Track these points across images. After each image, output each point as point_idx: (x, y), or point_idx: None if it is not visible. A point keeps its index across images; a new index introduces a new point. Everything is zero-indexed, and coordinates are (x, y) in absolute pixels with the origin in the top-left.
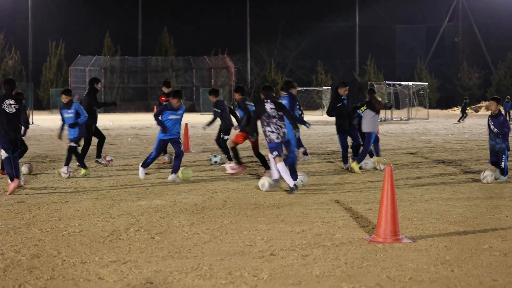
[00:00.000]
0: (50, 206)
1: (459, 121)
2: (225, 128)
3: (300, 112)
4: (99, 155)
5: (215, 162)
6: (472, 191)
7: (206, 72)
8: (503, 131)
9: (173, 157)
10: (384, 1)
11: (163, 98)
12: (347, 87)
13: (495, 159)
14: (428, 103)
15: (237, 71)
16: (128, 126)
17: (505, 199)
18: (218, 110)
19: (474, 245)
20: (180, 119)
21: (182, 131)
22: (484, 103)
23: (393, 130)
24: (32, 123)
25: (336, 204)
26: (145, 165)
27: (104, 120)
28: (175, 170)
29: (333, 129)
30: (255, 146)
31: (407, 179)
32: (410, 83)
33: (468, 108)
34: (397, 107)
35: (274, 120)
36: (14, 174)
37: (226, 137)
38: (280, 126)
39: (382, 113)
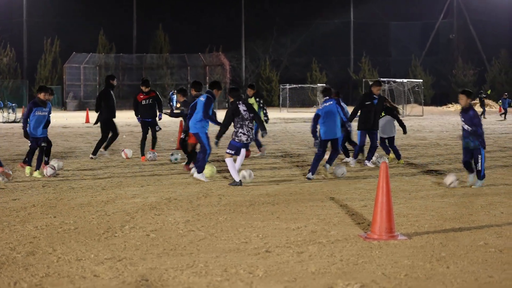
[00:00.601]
0: (45, 203)
1: (485, 117)
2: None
3: (264, 111)
4: (95, 152)
5: (175, 159)
6: (467, 187)
7: (200, 70)
8: (473, 129)
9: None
10: None
11: (141, 97)
12: (381, 87)
13: (469, 159)
14: (423, 100)
15: (231, 68)
16: (123, 123)
17: (500, 196)
18: (185, 110)
19: (469, 241)
20: None
21: (177, 128)
22: (478, 100)
23: None
24: None
25: (331, 201)
26: (202, 168)
27: None
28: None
29: None
30: (193, 144)
31: (402, 176)
32: (405, 80)
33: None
34: None
35: (246, 122)
36: None
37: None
38: (250, 128)
39: None
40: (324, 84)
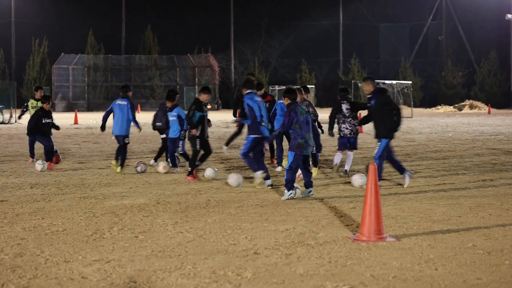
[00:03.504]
0: (33, 204)
1: None
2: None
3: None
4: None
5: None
6: (455, 189)
7: (190, 71)
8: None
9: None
10: (368, 0)
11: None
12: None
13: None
14: (412, 101)
15: (221, 69)
16: (111, 124)
17: (488, 198)
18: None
19: (457, 243)
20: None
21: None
22: (468, 102)
23: None
24: (15, 121)
25: (320, 203)
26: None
27: (88, 119)
28: None
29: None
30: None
31: (391, 177)
32: (394, 82)
33: None
34: None
35: (349, 120)
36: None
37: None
38: (354, 124)
39: (366, 112)
40: (313, 86)
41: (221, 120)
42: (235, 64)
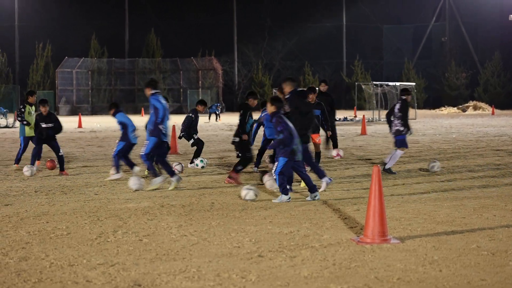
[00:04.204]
0: (37, 208)
1: None
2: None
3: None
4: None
5: (202, 167)
6: (459, 190)
7: (193, 74)
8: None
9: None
10: (371, 1)
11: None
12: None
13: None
14: (416, 103)
15: (224, 72)
16: (115, 128)
17: (492, 199)
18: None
19: (462, 244)
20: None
21: (170, 133)
22: (471, 103)
23: (381, 131)
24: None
25: (324, 205)
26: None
27: (92, 123)
28: None
29: None
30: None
31: (394, 179)
32: (398, 83)
33: None
34: (385, 108)
35: (395, 119)
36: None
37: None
38: (395, 124)
39: (369, 114)
40: (317, 88)
41: (224, 123)
42: (239, 67)
